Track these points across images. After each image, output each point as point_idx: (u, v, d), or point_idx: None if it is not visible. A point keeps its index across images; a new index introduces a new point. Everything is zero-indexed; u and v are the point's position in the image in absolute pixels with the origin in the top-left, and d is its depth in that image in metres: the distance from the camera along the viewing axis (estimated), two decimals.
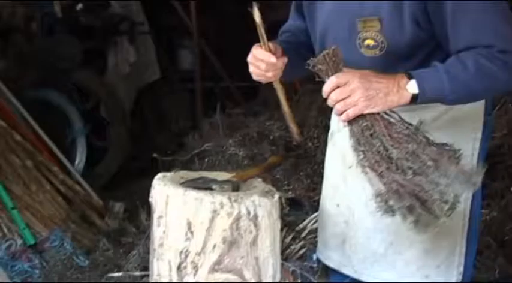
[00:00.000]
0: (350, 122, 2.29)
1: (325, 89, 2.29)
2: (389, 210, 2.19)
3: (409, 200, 2.15)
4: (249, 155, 4.79)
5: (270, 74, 2.53)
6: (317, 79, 2.33)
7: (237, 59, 7.55)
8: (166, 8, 7.03)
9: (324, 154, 4.73)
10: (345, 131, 2.61)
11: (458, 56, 2.24)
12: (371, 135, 2.24)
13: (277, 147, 4.95)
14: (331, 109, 2.34)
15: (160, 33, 7.28)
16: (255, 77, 2.60)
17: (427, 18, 2.31)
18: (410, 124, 2.25)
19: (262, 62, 2.50)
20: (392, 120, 2.27)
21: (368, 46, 2.44)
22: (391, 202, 2.18)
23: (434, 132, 2.28)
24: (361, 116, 2.27)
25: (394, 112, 2.28)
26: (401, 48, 2.38)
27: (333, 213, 2.83)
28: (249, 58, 2.56)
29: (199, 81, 6.90)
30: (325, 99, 2.30)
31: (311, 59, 2.31)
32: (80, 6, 5.74)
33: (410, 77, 2.25)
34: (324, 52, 2.31)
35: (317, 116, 5.08)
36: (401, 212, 2.18)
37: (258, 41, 2.51)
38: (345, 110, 2.28)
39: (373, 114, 2.26)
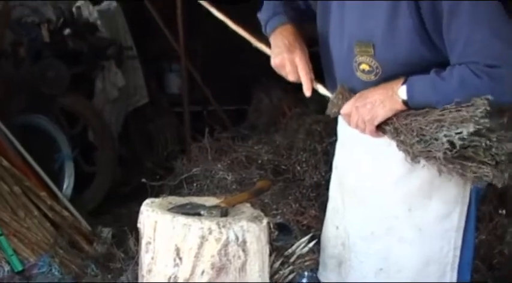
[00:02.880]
0: (383, 133, 2.43)
1: (347, 124, 2.52)
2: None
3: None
4: (238, 179, 4.79)
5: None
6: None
7: (224, 82, 7.57)
8: (155, 32, 7.05)
9: (312, 178, 4.75)
10: (345, 151, 2.70)
11: (450, 67, 2.29)
12: (397, 133, 2.37)
13: (265, 171, 4.96)
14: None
15: (148, 57, 7.30)
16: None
17: (425, 40, 2.33)
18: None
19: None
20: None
21: (363, 71, 2.48)
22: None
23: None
24: (383, 124, 2.41)
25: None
26: (396, 74, 2.40)
27: (332, 235, 2.87)
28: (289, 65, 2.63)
29: (187, 105, 6.89)
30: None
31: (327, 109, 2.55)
32: (67, 31, 5.74)
33: (404, 83, 2.34)
34: (331, 97, 2.53)
35: (305, 140, 5.09)
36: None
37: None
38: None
39: (389, 118, 2.38)
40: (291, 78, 2.62)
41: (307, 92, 2.59)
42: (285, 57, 2.60)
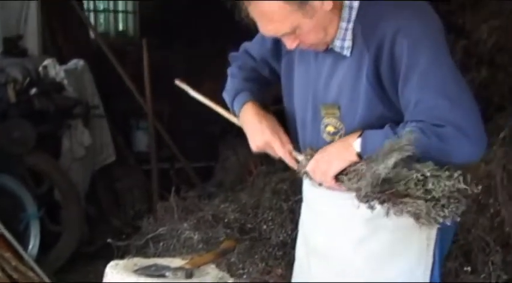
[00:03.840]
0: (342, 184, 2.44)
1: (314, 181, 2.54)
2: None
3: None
4: (204, 239, 4.78)
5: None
6: None
7: (192, 139, 7.54)
8: (122, 89, 7.07)
9: (278, 237, 4.75)
10: (310, 212, 2.72)
11: (403, 124, 2.34)
12: (349, 180, 2.38)
13: (232, 229, 4.96)
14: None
15: (116, 114, 7.30)
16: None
17: (384, 100, 2.39)
18: None
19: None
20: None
21: (329, 132, 2.54)
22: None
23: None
24: (341, 175, 2.42)
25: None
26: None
27: None
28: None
29: (155, 163, 6.89)
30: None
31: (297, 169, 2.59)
32: (34, 90, 5.72)
33: (360, 136, 2.38)
34: (301, 160, 2.56)
35: (271, 198, 5.11)
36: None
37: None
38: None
39: (345, 169, 2.40)
40: (277, 157, 2.67)
41: (295, 167, 2.63)
42: (259, 146, 2.66)
